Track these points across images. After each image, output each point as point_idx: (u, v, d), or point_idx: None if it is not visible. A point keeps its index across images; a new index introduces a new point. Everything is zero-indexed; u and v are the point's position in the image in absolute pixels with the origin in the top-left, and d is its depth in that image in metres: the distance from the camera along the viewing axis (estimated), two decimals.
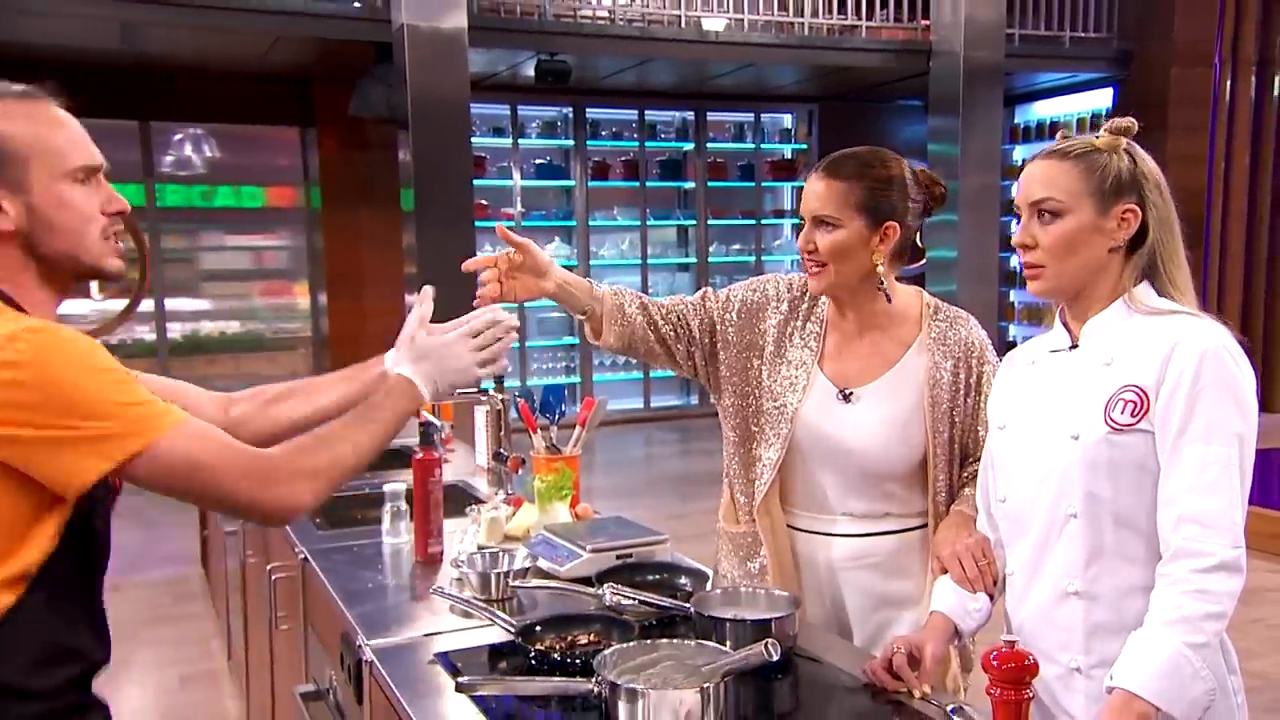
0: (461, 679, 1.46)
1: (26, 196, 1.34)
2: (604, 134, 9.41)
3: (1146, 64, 8.44)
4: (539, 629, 1.65)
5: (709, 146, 9.69)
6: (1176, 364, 1.40)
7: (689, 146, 9.65)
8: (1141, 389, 1.42)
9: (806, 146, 9.97)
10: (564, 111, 9.19)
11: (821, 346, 1.93)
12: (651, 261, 9.50)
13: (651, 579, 1.89)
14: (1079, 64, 8.71)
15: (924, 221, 1.91)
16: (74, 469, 1.23)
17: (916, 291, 1.96)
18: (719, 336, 1.99)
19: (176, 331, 8.50)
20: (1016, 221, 1.55)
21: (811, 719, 1.49)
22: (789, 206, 10.06)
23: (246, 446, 1.38)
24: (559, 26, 7.19)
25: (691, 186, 9.68)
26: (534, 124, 9.21)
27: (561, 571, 1.94)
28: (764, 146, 9.98)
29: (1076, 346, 1.53)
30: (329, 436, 1.47)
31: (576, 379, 9.29)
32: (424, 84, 6.32)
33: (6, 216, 1.32)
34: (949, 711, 1.43)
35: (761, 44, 7.75)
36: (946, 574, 1.64)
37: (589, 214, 9.27)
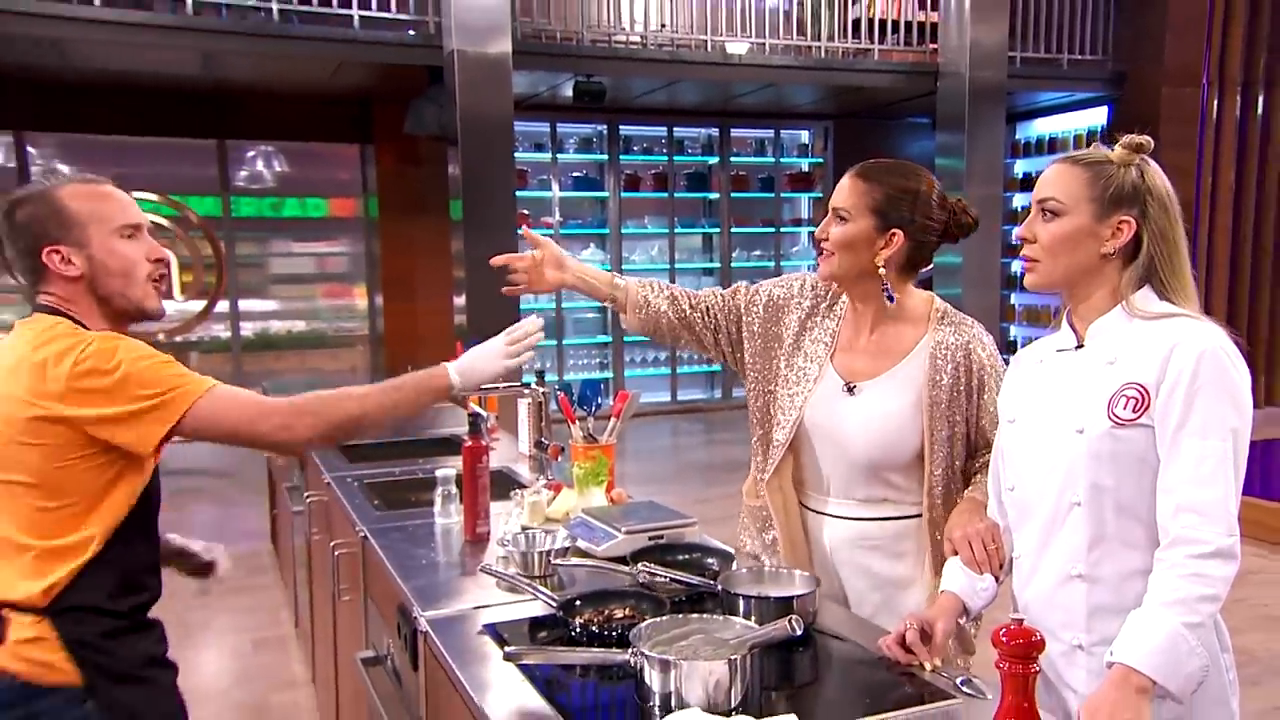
0: (508, 648, 1.47)
1: (88, 250, 1.63)
2: (635, 149, 9.41)
3: (1139, 84, 8.39)
4: (578, 603, 1.65)
5: (732, 160, 9.65)
6: (1176, 364, 1.38)
7: (714, 160, 9.62)
8: (1143, 387, 1.40)
9: (823, 161, 9.91)
10: (599, 129, 9.20)
11: (836, 341, 1.92)
12: (679, 266, 9.49)
13: (681, 558, 1.88)
14: (1076, 84, 8.63)
15: (941, 242, 1.87)
16: (147, 433, 1.52)
17: (929, 296, 1.93)
18: (744, 327, 2.00)
19: (248, 330, 8.59)
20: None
21: (830, 689, 1.48)
22: (806, 216, 10.02)
23: (263, 397, 1.65)
24: (595, 51, 7.19)
25: (716, 197, 9.64)
26: (571, 140, 9.22)
27: (598, 551, 1.95)
28: (783, 161, 9.93)
29: (1082, 346, 1.51)
30: (345, 393, 1.71)
31: (610, 374, 9.29)
32: (472, 104, 6.35)
33: (74, 266, 1.63)
34: (958, 683, 1.42)
35: (781, 66, 7.71)
36: (957, 556, 1.62)
37: (621, 223, 9.27)
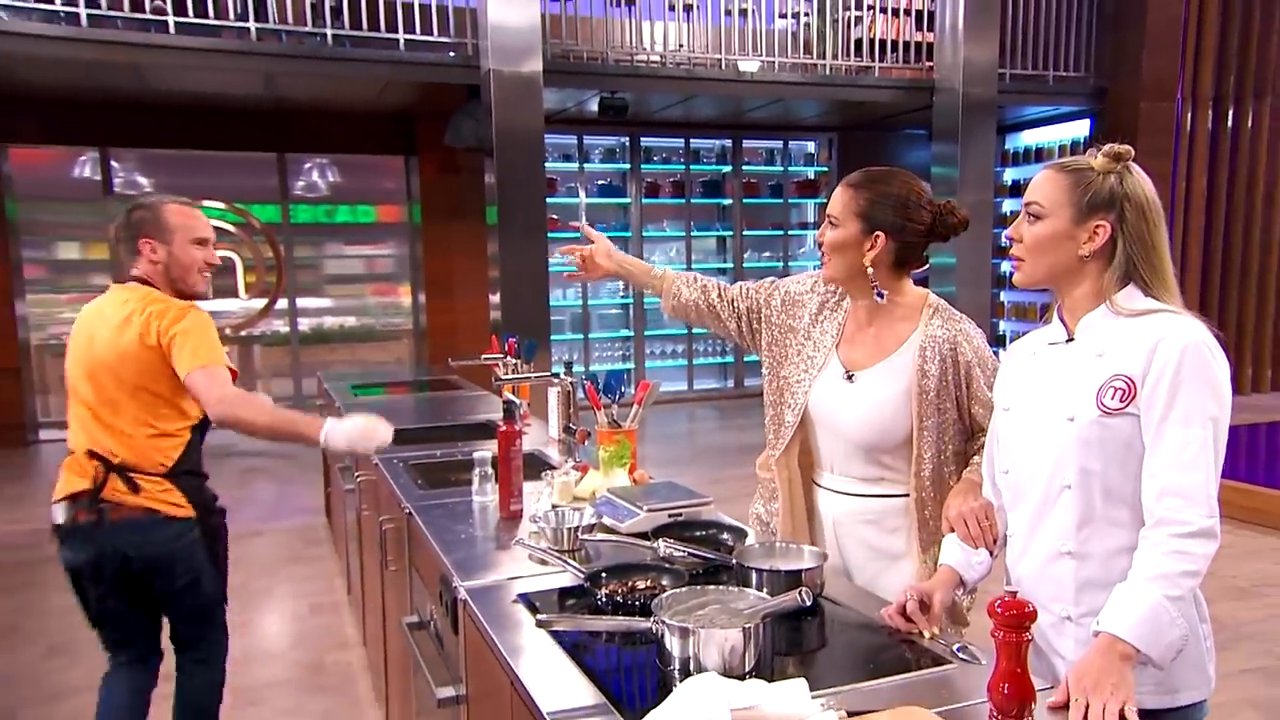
0: (540, 616, 1.46)
1: (169, 247, 2.31)
2: (655, 159, 9.37)
3: (1118, 99, 8.36)
4: (604, 575, 1.64)
5: (744, 169, 9.60)
6: (1160, 356, 1.35)
7: (727, 169, 9.57)
8: (1129, 378, 1.37)
9: (827, 169, 9.84)
10: (622, 140, 9.17)
11: (840, 333, 1.91)
12: (695, 266, 9.44)
13: (698, 534, 1.88)
14: (1061, 99, 8.54)
15: (932, 239, 1.83)
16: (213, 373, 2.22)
17: (924, 293, 1.90)
18: (763, 318, 2.02)
19: (305, 325, 8.63)
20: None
21: (837, 655, 1.46)
22: (812, 220, 9.96)
23: (228, 386, 2.22)
24: (618, 69, 7.16)
25: (729, 203, 9.60)
26: (597, 151, 9.20)
27: (622, 527, 1.94)
28: (791, 169, 9.87)
29: (1072, 340, 1.48)
30: (262, 408, 2.30)
31: (631, 365, 9.28)
32: (506, 119, 6.34)
33: (158, 255, 2.31)
34: (955, 650, 1.40)
35: (789, 82, 7.66)
36: (954, 533, 1.59)
37: (643, 226, 9.24)
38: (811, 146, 9.97)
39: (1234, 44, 8.60)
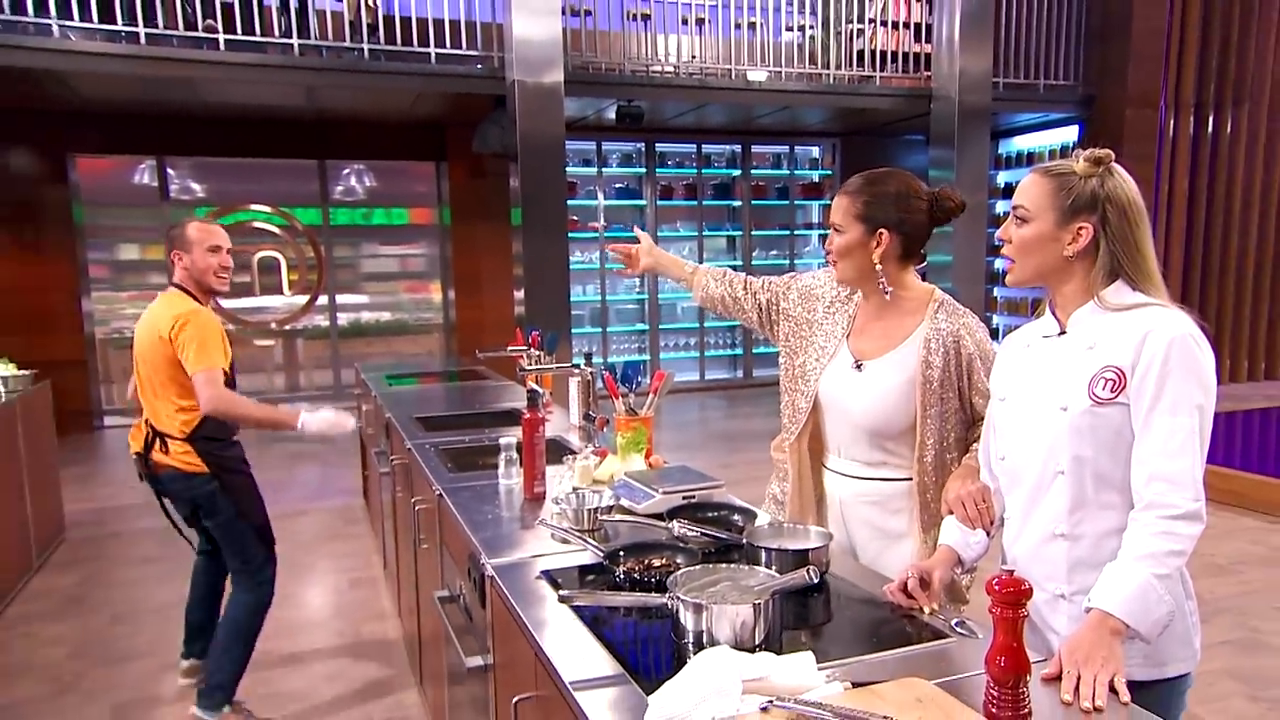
0: (562, 591, 1.45)
1: (190, 256, 2.72)
2: (669, 163, 9.32)
3: (1105, 106, 8.27)
4: (622, 554, 1.63)
5: (752, 173, 9.53)
6: (1149, 349, 1.32)
7: (736, 173, 9.51)
8: (1119, 369, 1.34)
9: (831, 172, 9.77)
10: (638, 146, 9.13)
11: (851, 325, 1.89)
12: (707, 264, 9.38)
13: (711, 515, 1.86)
14: (1051, 106, 8.43)
15: (932, 227, 1.82)
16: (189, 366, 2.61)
17: (930, 288, 1.87)
18: (781, 310, 2.03)
19: (344, 320, 8.66)
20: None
21: (841, 629, 1.44)
22: (816, 220, 9.89)
23: (219, 386, 2.59)
24: (634, 79, 7.13)
25: (738, 205, 9.54)
26: (614, 156, 9.16)
27: (639, 509, 1.92)
28: (796, 172, 9.79)
29: (1064, 333, 1.45)
30: (245, 404, 2.67)
31: (647, 357, 9.26)
32: (530, 126, 6.32)
33: (183, 264, 2.72)
34: (954, 625, 1.38)
35: (795, 91, 7.60)
36: (953, 514, 1.57)
37: (657, 227, 9.20)
38: (816, 151, 9.90)
39: (1214, 54, 8.53)
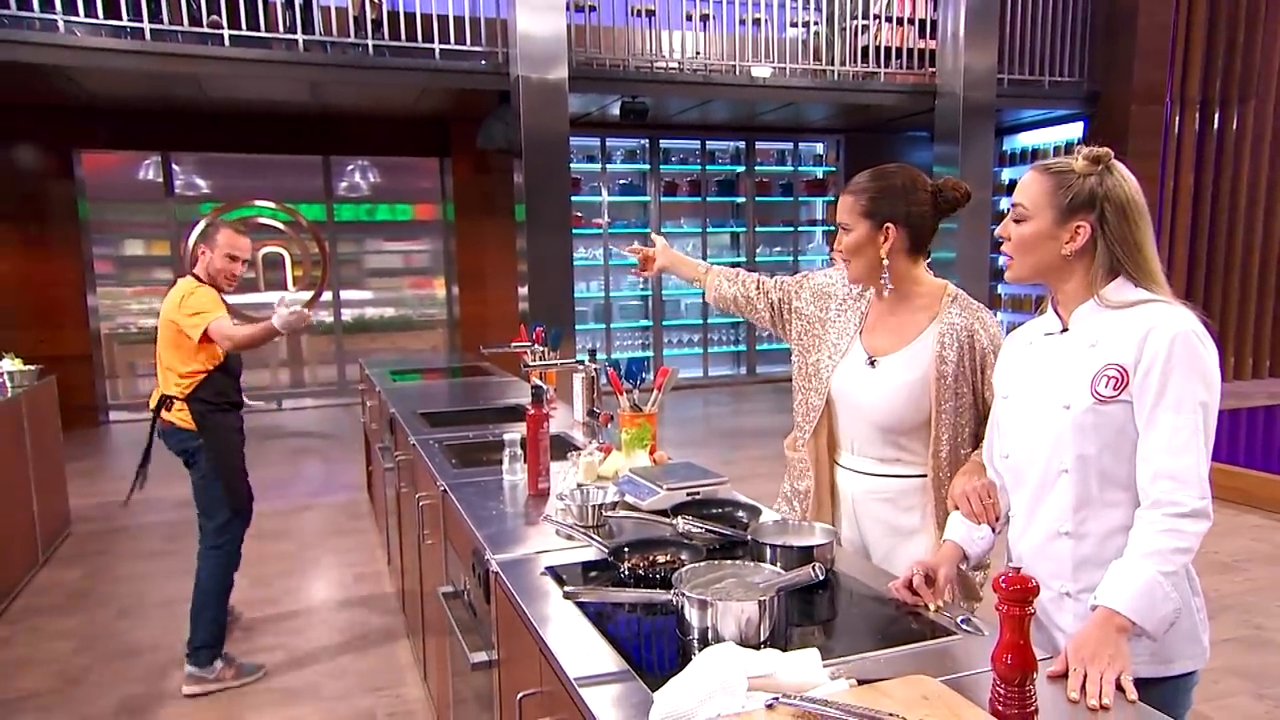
0: (566, 588, 1.45)
1: (211, 255, 3.15)
2: (673, 160, 9.31)
3: (1110, 102, 8.23)
4: (626, 550, 1.62)
5: (757, 169, 9.52)
6: (1151, 346, 1.31)
7: (740, 169, 9.49)
8: (1122, 367, 1.33)
9: (835, 169, 9.75)
10: (642, 142, 9.11)
11: (864, 322, 1.88)
12: (710, 261, 9.36)
13: (715, 512, 1.85)
14: (1055, 102, 8.39)
15: (938, 219, 1.81)
16: (193, 331, 3.04)
17: (943, 283, 1.86)
18: (793, 308, 2.03)
19: (348, 315, 8.67)
20: None
21: (846, 626, 1.43)
22: (820, 217, 9.87)
23: (226, 327, 3.04)
24: (639, 75, 7.11)
25: (742, 201, 9.52)
26: (618, 152, 9.15)
27: (643, 505, 1.92)
28: (800, 169, 9.77)
29: (1067, 330, 1.44)
30: (246, 329, 3.08)
31: (651, 353, 9.26)
32: (534, 122, 6.31)
33: (204, 259, 3.17)
34: (959, 621, 1.38)
35: (799, 87, 7.58)
36: (959, 510, 1.56)
37: (661, 223, 9.19)
38: (820, 148, 9.88)
39: (1220, 51, 8.50)
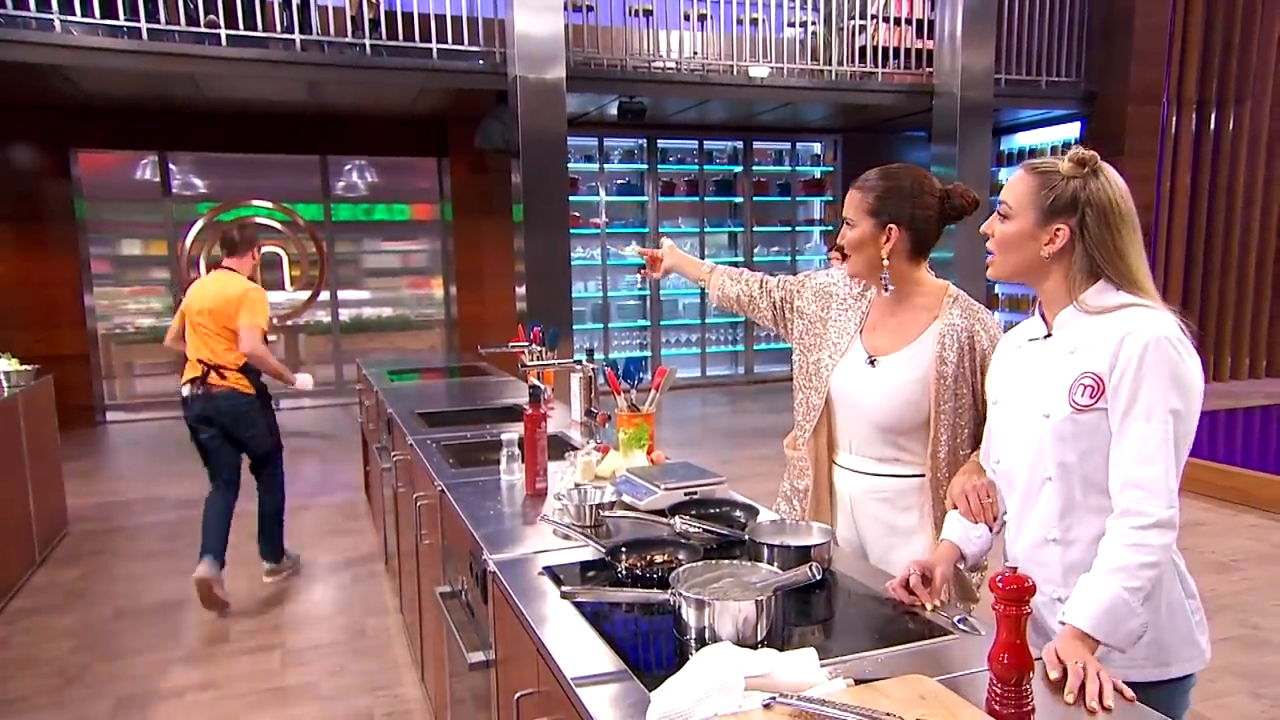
0: (564, 588, 1.45)
1: (251, 252, 3.91)
2: (671, 159, 9.31)
3: (1107, 103, 8.24)
4: (623, 550, 1.62)
5: (754, 169, 9.52)
6: (1125, 352, 1.30)
7: (738, 169, 9.49)
8: (1097, 375, 1.33)
9: (833, 169, 9.75)
10: (640, 142, 9.11)
11: (864, 321, 1.89)
12: (714, 262, 9.38)
13: (713, 512, 1.85)
14: (1053, 102, 8.41)
15: (943, 224, 1.81)
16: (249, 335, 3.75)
17: (945, 284, 1.86)
18: (795, 308, 2.03)
19: (345, 315, 8.66)
20: None
21: (843, 626, 1.43)
22: (818, 217, 9.88)
23: (258, 339, 3.71)
24: (636, 75, 7.11)
25: (740, 201, 9.52)
26: (616, 152, 9.15)
27: (641, 505, 1.91)
28: (798, 169, 9.77)
29: (1050, 335, 1.44)
30: (271, 358, 3.79)
31: (649, 353, 9.26)
32: (531, 122, 6.31)
33: (255, 256, 3.93)
34: (956, 621, 1.38)
35: (797, 87, 7.58)
36: (957, 509, 1.56)
37: (659, 223, 9.19)
38: (818, 148, 9.88)
39: (1216, 52, 8.51)
